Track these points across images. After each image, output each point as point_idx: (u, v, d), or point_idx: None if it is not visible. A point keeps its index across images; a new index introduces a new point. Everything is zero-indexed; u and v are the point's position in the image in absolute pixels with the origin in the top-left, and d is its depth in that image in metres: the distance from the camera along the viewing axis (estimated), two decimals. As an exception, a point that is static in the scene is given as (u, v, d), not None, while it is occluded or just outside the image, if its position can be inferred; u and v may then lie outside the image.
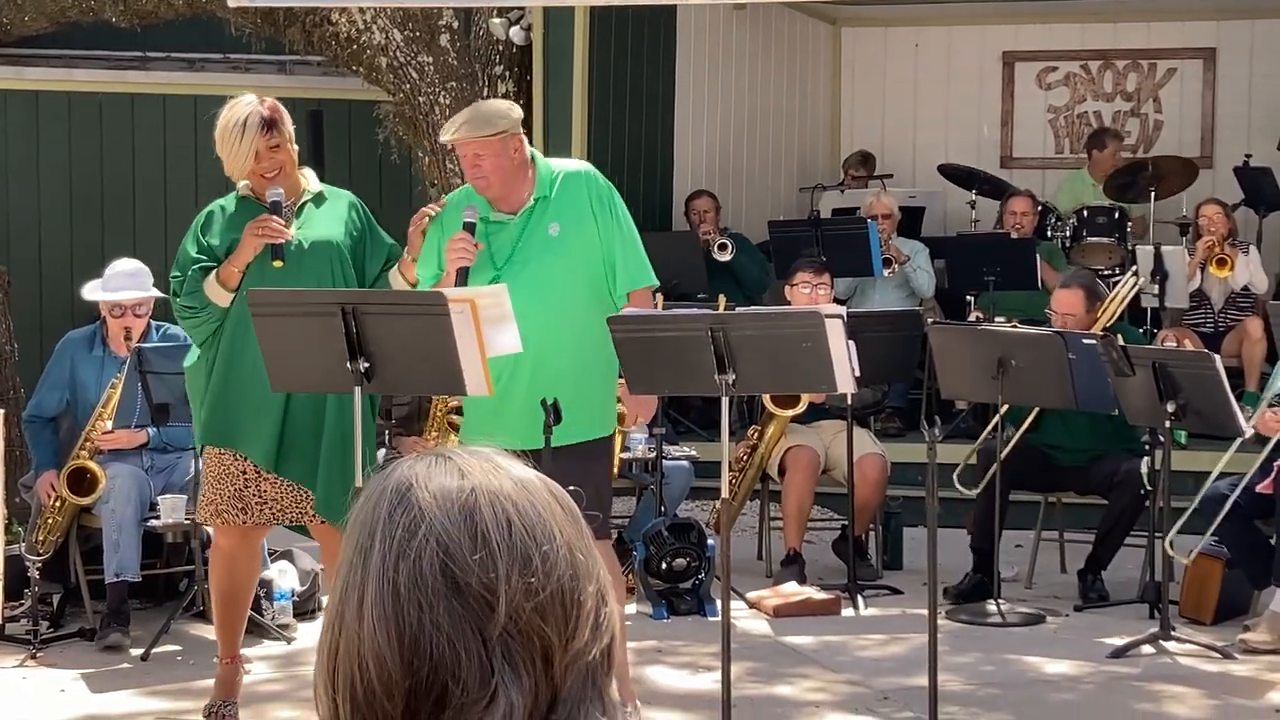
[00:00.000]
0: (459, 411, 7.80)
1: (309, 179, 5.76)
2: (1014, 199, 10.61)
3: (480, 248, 5.46)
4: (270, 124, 5.54)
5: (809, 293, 8.18)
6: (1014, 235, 10.32)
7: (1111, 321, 8.08)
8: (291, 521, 5.74)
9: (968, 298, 9.90)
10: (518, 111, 5.68)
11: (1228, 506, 6.93)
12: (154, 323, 7.37)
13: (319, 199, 5.72)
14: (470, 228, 5.48)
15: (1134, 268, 9.21)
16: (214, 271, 5.57)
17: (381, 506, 1.30)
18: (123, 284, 7.27)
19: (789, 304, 8.12)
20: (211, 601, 5.96)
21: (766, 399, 8.06)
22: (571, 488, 1.36)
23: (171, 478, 7.30)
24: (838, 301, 8.91)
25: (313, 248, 5.61)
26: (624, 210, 5.66)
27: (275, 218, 5.52)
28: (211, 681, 5.96)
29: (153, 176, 11.71)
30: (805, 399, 8.01)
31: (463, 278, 5.44)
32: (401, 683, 1.25)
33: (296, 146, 5.70)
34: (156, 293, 7.36)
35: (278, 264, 5.50)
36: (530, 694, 1.26)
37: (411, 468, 1.32)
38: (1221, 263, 9.81)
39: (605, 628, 1.32)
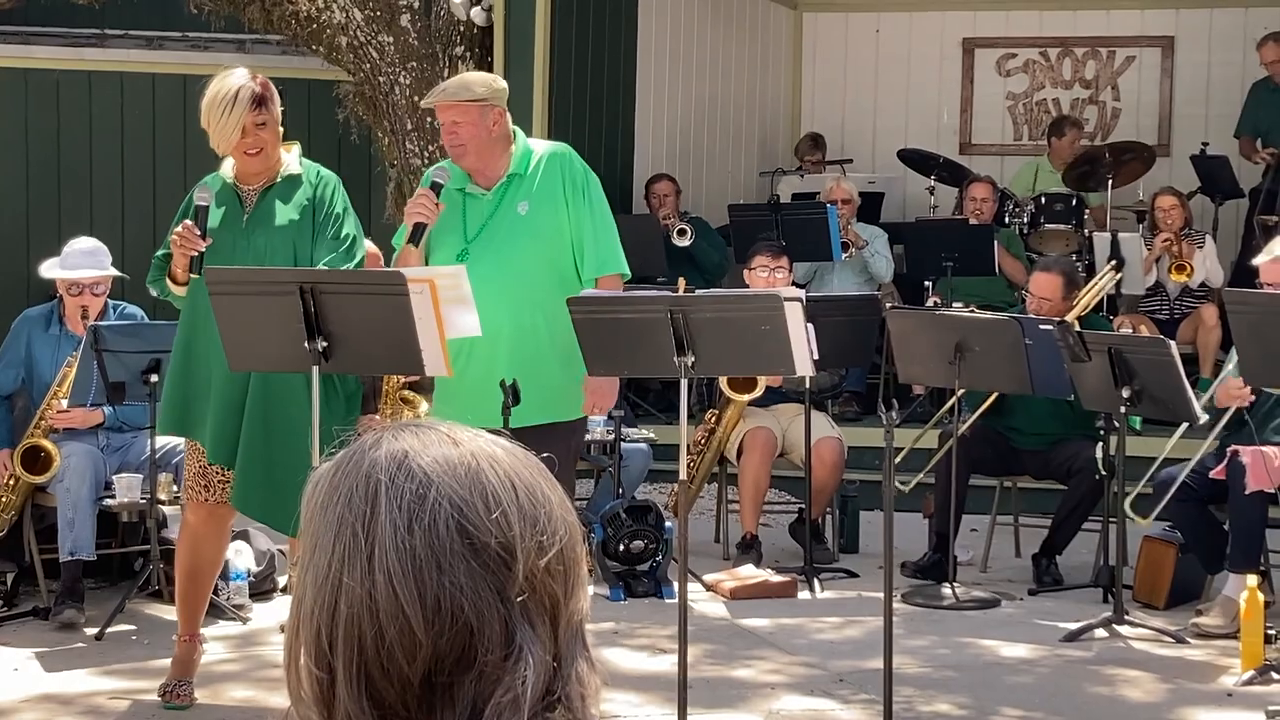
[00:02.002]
0: (411, 387, 7.79)
1: (288, 160, 5.66)
2: (974, 185, 10.64)
3: (442, 208, 5.46)
4: (260, 100, 5.48)
5: (767, 276, 8.19)
6: (973, 221, 10.36)
7: (1085, 313, 8.13)
8: None
9: (926, 283, 9.93)
10: (502, 84, 5.67)
11: (1176, 485, 7.00)
12: (111, 302, 7.33)
13: (289, 183, 5.62)
14: (436, 188, 5.49)
15: (1112, 261, 9.23)
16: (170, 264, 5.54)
17: (377, 475, 1.31)
18: (81, 262, 7.23)
19: (748, 287, 8.13)
20: (175, 577, 5.94)
21: (723, 383, 8.07)
22: (545, 455, 1.38)
23: (127, 457, 7.26)
24: (796, 286, 8.93)
25: (265, 236, 5.54)
26: (599, 196, 5.66)
27: (194, 226, 5.42)
28: (166, 661, 5.94)
29: (110, 154, 11.64)
30: (762, 384, 8.03)
31: (418, 234, 5.45)
32: (426, 645, 1.27)
33: (283, 128, 5.65)
34: (114, 271, 7.32)
35: (195, 276, 5.43)
36: (546, 651, 1.30)
37: (397, 438, 1.34)
38: (1180, 269, 9.89)
39: (587, 585, 1.36)
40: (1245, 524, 6.90)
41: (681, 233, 10.34)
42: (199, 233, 5.42)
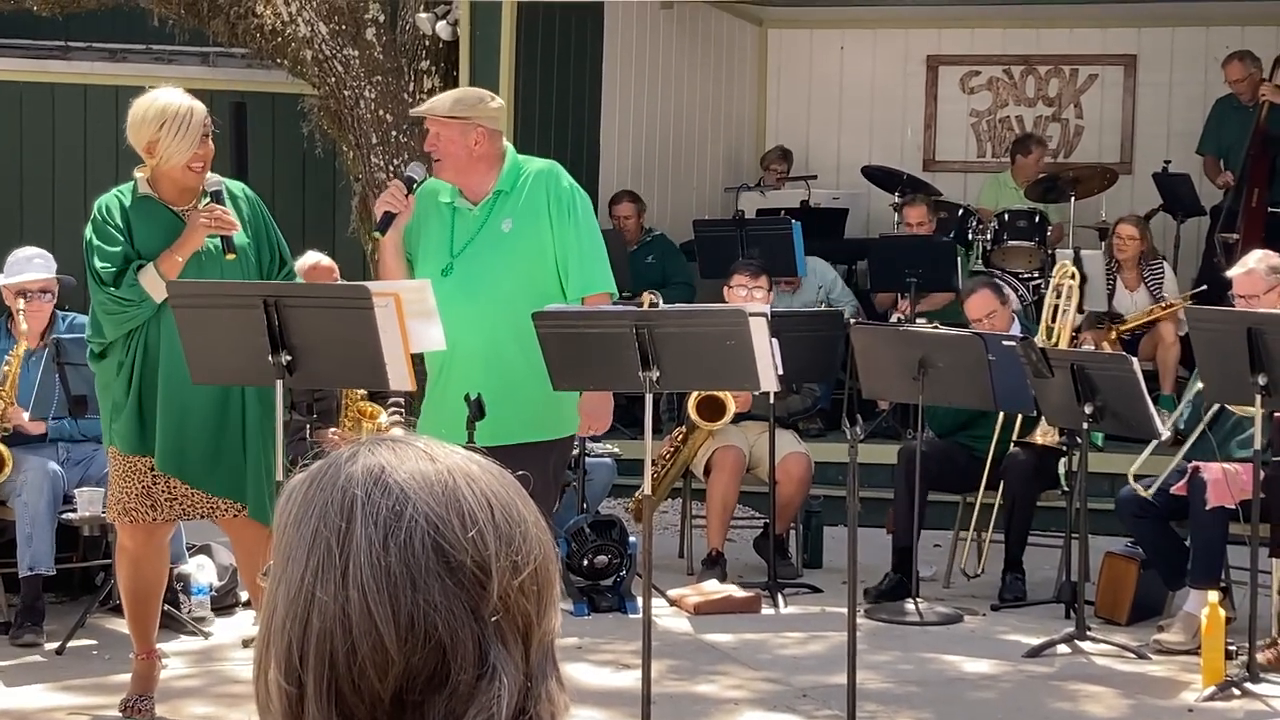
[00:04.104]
0: (367, 398, 7.76)
1: (212, 178, 5.65)
2: (908, 209, 10.59)
3: (413, 200, 5.56)
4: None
5: (745, 295, 8.16)
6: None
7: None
8: (202, 516, 5.68)
9: (891, 314, 9.93)
10: (494, 105, 5.68)
11: (1171, 467, 7.07)
12: (59, 312, 7.28)
13: (218, 198, 5.60)
14: (409, 182, 5.60)
15: (1065, 265, 9.24)
16: (151, 263, 5.44)
17: (353, 489, 1.29)
18: (26, 269, 7.20)
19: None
20: (122, 600, 5.90)
21: (692, 411, 8.04)
22: (520, 473, 1.37)
23: (89, 470, 7.21)
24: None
25: (222, 250, 5.53)
26: (586, 214, 5.66)
27: (222, 208, 5.46)
28: (127, 676, 5.91)
29: (73, 167, 11.59)
30: (731, 411, 8.02)
31: (385, 223, 5.55)
32: (398, 662, 1.26)
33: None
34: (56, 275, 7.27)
35: (231, 256, 5.44)
36: (518, 670, 1.29)
37: (373, 453, 1.32)
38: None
39: (559, 604, 1.36)
40: (1206, 540, 6.94)
41: (653, 305, 10.16)
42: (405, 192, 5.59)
